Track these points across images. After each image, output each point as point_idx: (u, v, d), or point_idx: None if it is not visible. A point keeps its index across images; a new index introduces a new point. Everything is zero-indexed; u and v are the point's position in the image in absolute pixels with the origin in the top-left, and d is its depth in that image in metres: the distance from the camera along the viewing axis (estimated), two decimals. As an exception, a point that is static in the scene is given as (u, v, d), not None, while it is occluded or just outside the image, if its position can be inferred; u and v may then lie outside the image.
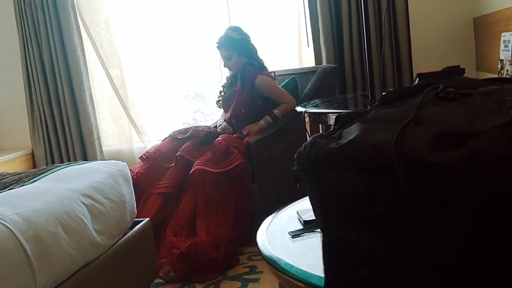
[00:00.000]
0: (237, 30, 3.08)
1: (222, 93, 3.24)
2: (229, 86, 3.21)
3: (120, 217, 2.03)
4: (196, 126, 3.06)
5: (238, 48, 3.03)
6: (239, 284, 2.31)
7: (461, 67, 2.43)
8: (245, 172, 2.76)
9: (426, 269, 0.76)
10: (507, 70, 2.51)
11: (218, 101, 3.26)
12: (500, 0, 2.81)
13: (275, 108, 3.02)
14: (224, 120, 3.18)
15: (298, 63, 3.71)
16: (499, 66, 2.63)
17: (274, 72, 3.18)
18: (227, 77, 3.25)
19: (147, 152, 2.93)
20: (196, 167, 2.65)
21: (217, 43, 3.06)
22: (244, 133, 2.98)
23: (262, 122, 3.00)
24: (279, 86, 3.12)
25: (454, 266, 0.75)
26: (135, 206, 2.23)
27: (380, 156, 0.81)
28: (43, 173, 2.00)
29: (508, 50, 2.50)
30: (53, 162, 3.88)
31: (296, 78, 3.26)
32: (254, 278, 2.35)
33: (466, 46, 3.42)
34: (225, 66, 3.09)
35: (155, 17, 3.94)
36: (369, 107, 1.05)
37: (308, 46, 3.59)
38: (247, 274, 2.41)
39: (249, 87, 3.03)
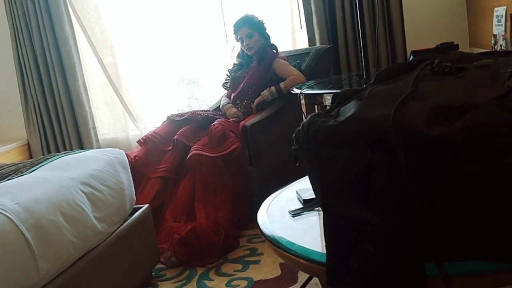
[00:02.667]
0: (255, 16, 3.14)
1: (229, 76, 3.23)
2: (237, 69, 3.21)
3: (119, 204, 2.04)
4: (194, 110, 3.06)
5: (259, 29, 3.10)
6: (240, 266, 2.33)
7: (455, 43, 2.43)
8: (242, 155, 2.76)
9: (427, 241, 0.77)
10: (501, 45, 2.52)
11: (225, 83, 3.26)
12: (492, -25, 2.80)
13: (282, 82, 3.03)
14: (226, 102, 3.16)
15: (291, 45, 3.69)
16: (493, 41, 2.63)
17: (288, 57, 3.21)
18: (235, 63, 3.25)
19: (145, 136, 2.93)
20: (193, 152, 2.65)
21: (238, 22, 3.09)
22: (253, 108, 3.02)
23: (265, 92, 3.00)
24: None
25: (455, 237, 0.76)
26: (134, 193, 2.24)
27: (378, 131, 0.81)
28: (40, 162, 2.00)
29: (501, 25, 2.50)
30: (49, 153, 3.87)
31: (291, 60, 3.25)
32: (255, 260, 2.37)
33: (459, 23, 3.41)
34: (246, 45, 3.08)
35: (146, 2, 3.91)
36: (364, 86, 1.05)
37: (301, 28, 3.57)
38: (247, 256, 2.43)
39: (265, 67, 3.05)
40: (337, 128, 0.88)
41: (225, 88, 3.29)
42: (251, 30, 3.06)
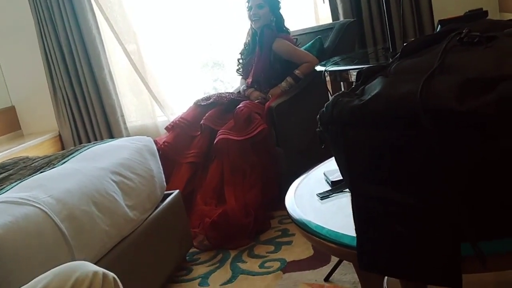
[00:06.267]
0: None
1: (241, 60, 3.21)
2: (247, 52, 3.17)
3: (150, 191, 2.06)
4: (220, 93, 3.04)
5: (272, 4, 3.00)
6: (272, 247, 2.34)
7: (484, 9, 2.33)
8: (268, 137, 2.75)
9: (461, 220, 0.74)
10: (534, 8, 2.40)
11: (238, 69, 3.24)
12: None
13: (296, 69, 2.97)
14: (246, 87, 3.14)
15: (314, 20, 3.62)
16: (525, 5, 2.51)
17: (296, 38, 3.12)
18: (245, 43, 3.20)
19: (172, 121, 2.94)
20: (220, 136, 2.65)
21: None
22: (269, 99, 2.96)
23: (283, 84, 2.96)
24: (298, 48, 3.06)
25: (490, 215, 0.73)
26: (164, 179, 2.25)
27: (406, 109, 0.78)
28: (71, 154, 2.04)
29: (534, -13, 2.38)
30: (80, 143, 3.94)
31: (312, 37, 3.18)
32: (287, 241, 2.37)
33: (488, -13, 3.28)
34: (252, 14, 3.00)
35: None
36: (390, 59, 1.01)
37: (324, 2, 3.49)
38: (279, 237, 2.43)
39: (267, 51, 2.99)
40: (362, 107, 0.85)
41: (239, 74, 3.25)
42: (263, 1, 2.98)
